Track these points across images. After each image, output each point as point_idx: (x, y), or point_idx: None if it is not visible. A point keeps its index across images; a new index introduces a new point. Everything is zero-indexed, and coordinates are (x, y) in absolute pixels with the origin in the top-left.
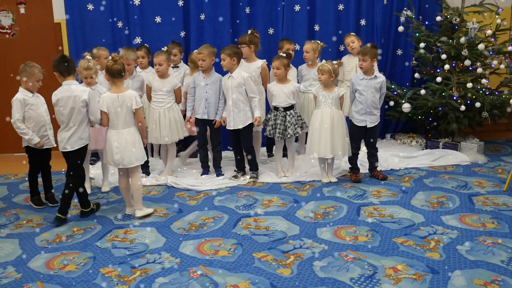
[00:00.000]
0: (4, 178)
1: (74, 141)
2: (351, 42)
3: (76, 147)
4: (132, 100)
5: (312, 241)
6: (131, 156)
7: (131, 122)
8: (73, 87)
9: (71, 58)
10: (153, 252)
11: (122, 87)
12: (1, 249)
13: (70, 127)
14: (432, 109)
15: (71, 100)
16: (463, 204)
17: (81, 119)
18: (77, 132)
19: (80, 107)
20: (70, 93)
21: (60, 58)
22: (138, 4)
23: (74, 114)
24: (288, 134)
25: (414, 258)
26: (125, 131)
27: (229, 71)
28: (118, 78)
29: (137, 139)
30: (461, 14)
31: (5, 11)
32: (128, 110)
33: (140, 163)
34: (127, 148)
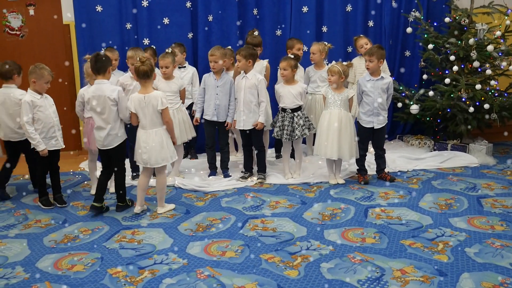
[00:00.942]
0: (13, 178)
1: (112, 139)
2: (365, 44)
3: (115, 145)
4: (158, 100)
5: (319, 242)
6: (157, 157)
7: (158, 123)
8: (103, 87)
9: (104, 57)
10: (161, 253)
11: (150, 88)
12: (10, 249)
13: (105, 125)
14: (440, 111)
15: (102, 99)
16: (471, 206)
17: (113, 117)
18: (113, 130)
19: (110, 105)
20: (100, 93)
21: (93, 57)
22: (147, 5)
23: (106, 113)
24: (295, 135)
25: (422, 260)
26: (153, 132)
27: (244, 72)
28: (145, 79)
29: (165, 139)
30: (470, 15)
31: (14, 12)
32: (154, 111)
33: (167, 163)
34: (154, 148)
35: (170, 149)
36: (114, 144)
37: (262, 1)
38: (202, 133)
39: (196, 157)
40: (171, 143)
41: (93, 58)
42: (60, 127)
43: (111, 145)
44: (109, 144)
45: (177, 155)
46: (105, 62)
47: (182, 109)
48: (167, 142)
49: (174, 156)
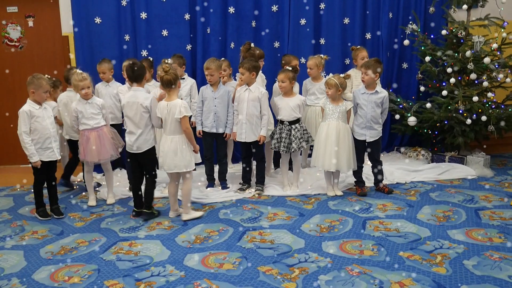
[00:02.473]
0: (10, 189)
1: (141, 144)
2: (366, 57)
3: (145, 149)
4: (177, 108)
5: (317, 255)
6: (171, 163)
7: (177, 130)
8: (138, 94)
9: (140, 65)
10: (158, 265)
11: (174, 96)
12: (6, 260)
13: (137, 130)
14: (438, 123)
15: (135, 106)
16: (469, 218)
17: (144, 123)
18: (142, 135)
19: (142, 112)
20: (134, 99)
21: (129, 65)
22: (145, 17)
23: (138, 119)
24: (292, 148)
25: (420, 272)
26: (169, 138)
27: (246, 84)
28: (169, 87)
29: (180, 147)
30: (466, 28)
31: (14, 24)
32: (174, 119)
33: (180, 170)
34: (168, 155)
35: (185, 158)
36: (144, 148)
37: (260, 14)
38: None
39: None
40: (188, 152)
41: (129, 67)
42: (57, 138)
43: (141, 149)
44: (139, 148)
45: (193, 165)
46: (141, 70)
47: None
48: (182, 150)
49: (189, 166)
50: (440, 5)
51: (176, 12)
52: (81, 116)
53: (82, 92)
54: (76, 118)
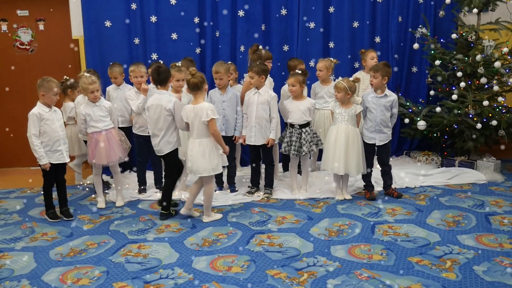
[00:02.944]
0: (20, 191)
1: (163, 146)
2: (375, 58)
3: (166, 151)
4: (203, 112)
5: (326, 259)
6: (199, 166)
7: (204, 134)
8: (161, 97)
9: (164, 69)
10: (166, 268)
11: (200, 99)
12: (16, 262)
13: (160, 132)
14: (447, 127)
15: (159, 108)
16: (479, 223)
17: (167, 126)
18: (165, 137)
19: (166, 115)
20: (158, 102)
21: (154, 68)
22: (155, 21)
23: (161, 122)
24: (302, 151)
25: (429, 278)
26: (197, 141)
27: (256, 87)
28: (195, 90)
29: (208, 150)
30: (477, 31)
31: (24, 27)
32: (201, 122)
33: (208, 174)
34: (196, 158)
35: (213, 161)
36: (165, 150)
37: (269, 17)
38: None
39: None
40: (215, 155)
41: (155, 70)
42: (66, 141)
43: (162, 152)
44: (161, 150)
45: (220, 168)
46: (165, 74)
47: None
48: (210, 153)
49: (217, 169)
50: (450, 9)
51: (185, 15)
52: (90, 119)
53: (91, 95)
54: (84, 121)
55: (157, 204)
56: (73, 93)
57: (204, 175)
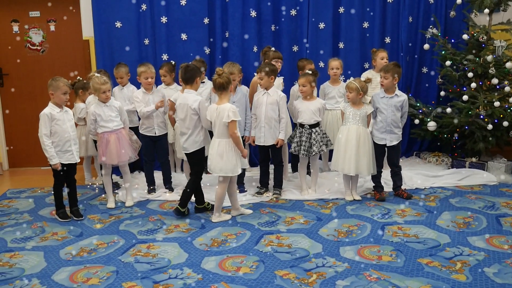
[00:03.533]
0: (31, 191)
1: (190, 144)
2: (386, 58)
3: (192, 150)
4: (225, 113)
5: (335, 259)
6: (216, 166)
7: (224, 134)
8: (188, 96)
9: (192, 68)
10: (175, 268)
11: (224, 100)
12: (27, 261)
13: (187, 131)
14: (458, 128)
15: (185, 108)
16: (490, 225)
17: (194, 125)
18: (191, 136)
19: (191, 114)
20: (185, 101)
21: (183, 68)
22: (165, 22)
23: (187, 120)
24: (313, 151)
25: (439, 279)
26: (217, 141)
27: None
28: (221, 91)
29: (226, 151)
30: (488, 32)
31: (36, 28)
32: (222, 122)
33: (226, 174)
34: (215, 158)
35: (231, 162)
36: (191, 149)
37: (279, 18)
38: None
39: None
40: (234, 156)
41: (183, 69)
42: (76, 141)
43: (188, 150)
44: (187, 148)
45: (238, 170)
46: (193, 73)
47: None
48: (229, 154)
49: (235, 171)
50: (461, 9)
51: (195, 16)
52: (100, 119)
53: (103, 95)
54: (94, 121)
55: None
56: (84, 94)
57: (220, 174)
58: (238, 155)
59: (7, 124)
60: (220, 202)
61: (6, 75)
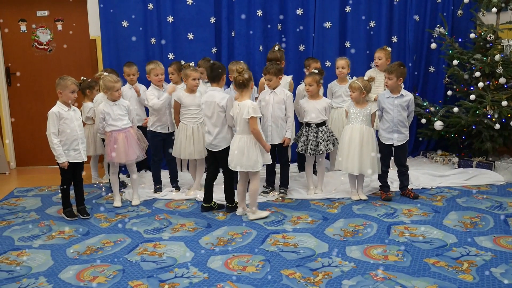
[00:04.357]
0: (38, 190)
1: (220, 141)
2: (381, 58)
3: (223, 147)
4: (245, 109)
5: (341, 259)
6: (237, 162)
7: (245, 130)
8: (215, 94)
9: (218, 66)
10: (181, 267)
11: (245, 97)
12: (34, 259)
13: (214, 129)
14: (465, 127)
15: (212, 105)
16: (497, 225)
17: (221, 122)
18: (220, 134)
19: (219, 111)
20: (212, 99)
21: (209, 66)
22: (172, 21)
23: (215, 118)
24: (320, 150)
25: (446, 279)
26: (238, 137)
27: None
28: (242, 88)
29: (247, 147)
30: (495, 31)
31: (43, 27)
32: (242, 118)
33: (246, 170)
34: (236, 154)
35: (251, 158)
36: (221, 146)
37: (285, 17)
38: None
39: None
40: (254, 152)
41: (209, 67)
42: (84, 140)
43: (218, 147)
44: (216, 146)
45: (259, 166)
46: (219, 71)
47: None
48: (250, 150)
49: (256, 167)
50: (469, 8)
51: (201, 15)
52: (109, 118)
53: (116, 93)
54: (103, 120)
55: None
56: (91, 93)
57: (241, 170)
58: (259, 151)
59: (15, 123)
60: (254, 198)
61: (14, 74)
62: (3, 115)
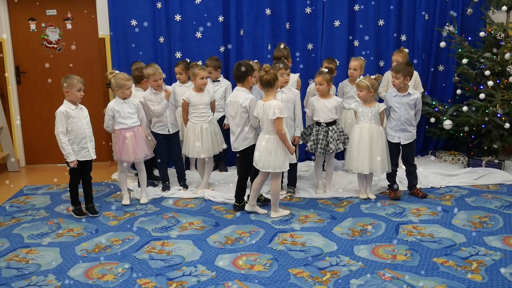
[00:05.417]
0: (47, 188)
1: (239, 143)
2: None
3: (241, 148)
4: (271, 109)
5: (349, 258)
6: (265, 162)
7: (272, 130)
8: (239, 94)
9: (243, 66)
10: (189, 265)
11: (271, 97)
12: (43, 257)
13: (236, 129)
14: (474, 127)
15: (236, 105)
16: (507, 225)
17: (243, 122)
18: (242, 133)
19: (241, 112)
20: (235, 99)
21: (235, 66)
22: (180, 20)
23: (237, 118)
24: (330, 149)
25: (455, 279)
26: (265, 137)
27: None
28: (268, 87)
29: (275, 148)
30: (505, 29)
31: (52, 26)
32: (268, 119)
33: (274, 170)
34: (263, 154)
35: (279, 158)
36: (241, 147)
37: (294, 16)
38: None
39: (226, 170)
40: (282, 152)
41: (235, 68)
42: (92, 138)
43: (238, 148)
44: (238, 146)
45: (287, 166)
46: (244, 72)
47: (214, 121)
48: (277, 151)
49: (283, 167)
50: (478, 7)
51: (209, 14)
52: (118, 115)
53: (127, 91)
54: (112, 117)
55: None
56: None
57: (269, 171)
58: (286, 151)
59: (24, 121)
60: (276, 197)
61: (23, 73)
62: (12, 113)
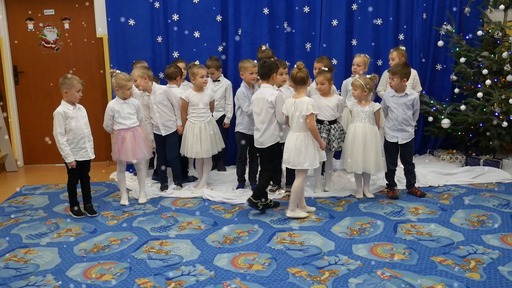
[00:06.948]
0: (45, 188)
1: (265, 139)
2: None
3: (268, 144)
4: (304, 106)
5: (347, 257)
6: (295, 161)
7: (302, 128)
8: (264, 90)
9: (268, 64)
10: (188, 264)
11: (302, 94)
12: (41, 257)
13: (261, 125)
14: (472, 125)
15: (262, 101)
16: (505, 223)
17: (269, 119)
18: (268, 130)
19: (268, 107)
20: (261, 95)
21: (260, 64)
22: (177, 19)
23: (263, 114)
24: (332, 147)
25: (453, 278)
26: (295, 135)
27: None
28: (300, 85)
29: (305, 145)
30: (503, 28)
31: (50, 26)
32: (300, 115)
33: (304, 167)
34: (293, 151)
35: (309, 156)
36: (267, 144)
37: (292, 15)
38: (230, 145)
39: (224, 169)
40: (312, 150)
41: (259, 65)
42: (91, 138)
43: (264, 145)
44: (262, 143)
45: (317, 163)
46: (269, 69)
47: (213, 121)
48: (307, 148)
49: (313, 164)
50: (476, 6)
51: (208, 13)
52: (118, 116)
53: (128, 92)
54: (112, 117)
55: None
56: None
57: (298, 168)
58: (316, 148)
59: (22, 121)
60: (296, 195)
61: (22, 72)
62: (11, 113)
